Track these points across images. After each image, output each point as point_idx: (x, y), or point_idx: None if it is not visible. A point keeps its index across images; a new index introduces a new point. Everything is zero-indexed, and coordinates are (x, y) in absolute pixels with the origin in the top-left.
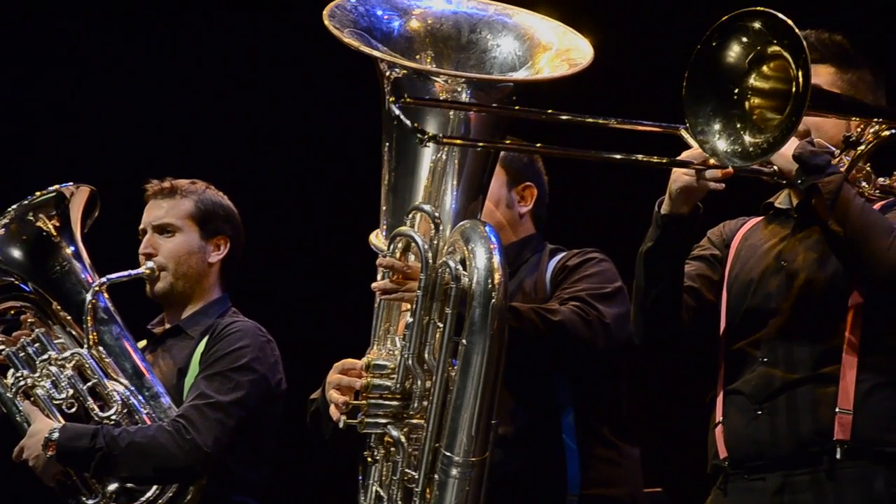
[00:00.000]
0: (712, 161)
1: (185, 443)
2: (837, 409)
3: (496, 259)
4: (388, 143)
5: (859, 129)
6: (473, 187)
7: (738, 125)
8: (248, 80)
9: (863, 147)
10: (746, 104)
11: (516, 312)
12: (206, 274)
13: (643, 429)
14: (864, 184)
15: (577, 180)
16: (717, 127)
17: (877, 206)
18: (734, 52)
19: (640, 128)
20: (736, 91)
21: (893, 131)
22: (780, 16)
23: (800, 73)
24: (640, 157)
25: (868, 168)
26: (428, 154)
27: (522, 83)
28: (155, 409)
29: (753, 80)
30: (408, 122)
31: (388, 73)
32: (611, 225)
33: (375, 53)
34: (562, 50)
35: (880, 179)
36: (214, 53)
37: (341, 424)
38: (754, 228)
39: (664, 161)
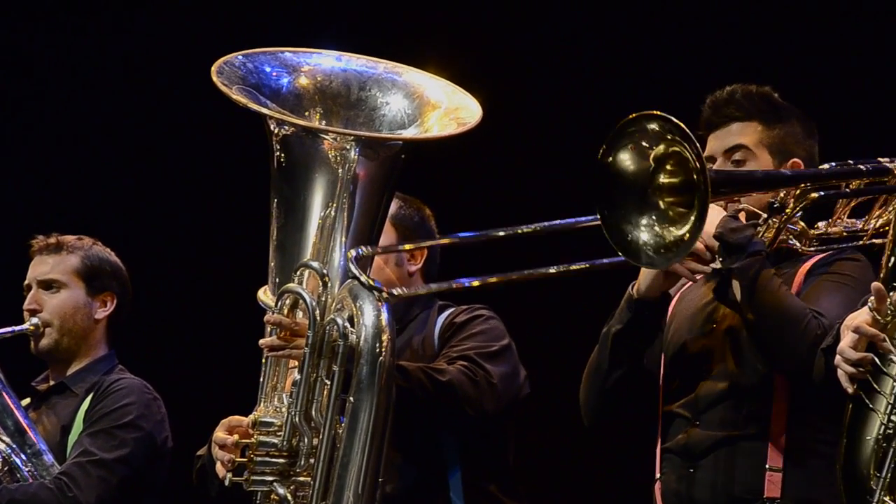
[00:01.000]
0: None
1: (66, 500)
2: (767, 467)
3: (384, 317)
4: (276, 200)
5: (783, 194)
6: (362, 244)
7: (660, 223)
8: (135, 135)
9: (789, 212)
10: (661, 203)
11: (404, 372)
12: (91, 330)
13: (531, 486)
14: (795, 242)
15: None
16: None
17: (814, 260)
18: (631, 158)
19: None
20: (650, 195)
21: (821, 193)
22: (664, 115)
23: (698, 166)
24: (613, 259)
25: (801, 224)
26: (316, 211)
27: (411, 141)
28: (37, 467)
29: (661, 179)
30: (365, 279)
31: (276, 131)
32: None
33: (264, 111)
34: (451, 108)
35: (818, 227)
36: (101, 107)
37: (227, 482)
38: (690, 288)
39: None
